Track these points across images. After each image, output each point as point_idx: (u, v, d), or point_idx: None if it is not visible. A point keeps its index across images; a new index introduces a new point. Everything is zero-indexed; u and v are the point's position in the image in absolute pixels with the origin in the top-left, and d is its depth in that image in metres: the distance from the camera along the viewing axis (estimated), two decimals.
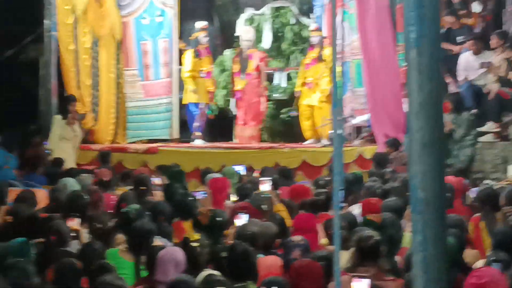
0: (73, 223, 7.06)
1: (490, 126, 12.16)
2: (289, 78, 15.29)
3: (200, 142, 14.17)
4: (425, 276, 2.20)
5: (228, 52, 15.54)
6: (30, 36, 13.35)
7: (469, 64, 12.76)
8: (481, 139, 12.13)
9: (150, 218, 7.14)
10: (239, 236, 6.45)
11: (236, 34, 15.44)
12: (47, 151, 12.12)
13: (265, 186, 9.15)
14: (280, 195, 9.13)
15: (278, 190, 9.32)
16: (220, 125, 15.22)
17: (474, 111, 12.36)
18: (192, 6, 15.64)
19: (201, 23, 14.46)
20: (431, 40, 2.06)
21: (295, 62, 15.29)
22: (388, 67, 12.84)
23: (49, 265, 5.79)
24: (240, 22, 15.62)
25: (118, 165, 12.33)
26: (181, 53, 14.71)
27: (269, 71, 15.01)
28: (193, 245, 6.01)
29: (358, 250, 5.86)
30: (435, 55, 2.08)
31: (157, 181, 9.68)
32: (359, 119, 13.88)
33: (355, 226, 6.79)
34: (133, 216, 7.00)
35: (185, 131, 14.78)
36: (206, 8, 16.00)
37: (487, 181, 10.17)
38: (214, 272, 5.61)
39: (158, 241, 6.56)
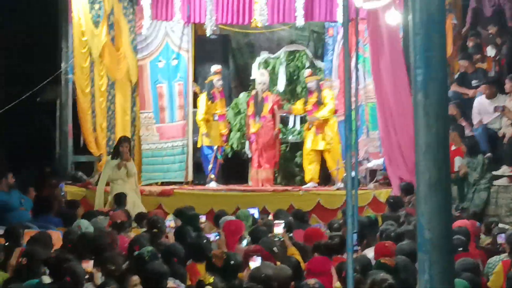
0: (88, 265, 7.06)
1: (504, 169, 12.13)
2: (303, 121, 15.35)
3: (215, 185, 14.20)
4: None
5: (243, 95, 15.63)
6: (48, 78, 13.47)
7: (483, 108, 12.77)
8: (496, 182, 12.10)
9: (163, 260, 7.14)
10: (253, 279, 6.43)
11: (252, 77, 15.55)
12: (62, 193, 12.16)
13: (278, 229, 9.13)
14: (294, 237, 9.11)
15: (291, 233, 9.30)
16: (235, 167, 15.24)
17: (488, 154, 12.33)
18: (207, 49, 15.77)
19: (216, 67, 14.57)
20: (438, 83, 2.09)
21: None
22: (403, 110, 12.86)
23: None
24: (255, 65, 15.72)
25: None
26: (195, 96, 14.81)
27: (284, 114, 15.08)
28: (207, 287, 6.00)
29: None
30: (442, 97, 2.11)
31: (171, 223, 9.71)
32: (374, 162, 13.89)
33: (369, 269, 6.76)
34: (147, 258, 7.00)
35: (199, 173, 14.82)
36: (221, 51, 16.12)
37: (502, 225, 10.13)
38: None
39: (172, 283, 6.55)
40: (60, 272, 6.59)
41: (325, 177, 14.26)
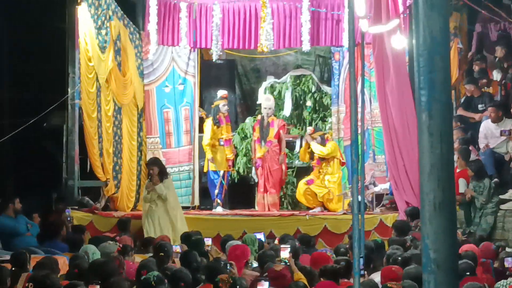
0: None
1: (511, 193, 12.11)
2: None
3: (221, 210, 14.20)
4: None
5: (249, 120, 15.65)
6: (54, 104, 13.50)
7: (490, 132, 12.77)
8: (502, 206, 12.08)
9: (171, 285, 7.13)
10: None
11: (258, 102, 15.58)
12: (68, 218, 12.16)
13: (285, 253, 9.11)
14: (300, 262, 9.09)
15: (296, 259, 9.28)
16: (241, 192, 15.24)
17: (495, 179, 12.32)
18: (213, 74, 15.82)
19: (222, 92, 14.61)
20: (442, 104, 2.10)
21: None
22: (409, 134, 12.86)
23: None
24: (261, 90, 15.76)
25: (139, 232, 12.35)
26: (201, 121, 14.84)
27: (290, 139, 15.09)
28: None
29: None
30: (446, 118, 2.12)
31: (178, 248, 9.70)
32: (380, 187, 13.89)
33: None
34: (153, 283, 6.99)
35: (206, 198, 14.82)
36: (227, 76, 16.18)
37: (509, 249, 10.10)
38: None
39: None
40: None
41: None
